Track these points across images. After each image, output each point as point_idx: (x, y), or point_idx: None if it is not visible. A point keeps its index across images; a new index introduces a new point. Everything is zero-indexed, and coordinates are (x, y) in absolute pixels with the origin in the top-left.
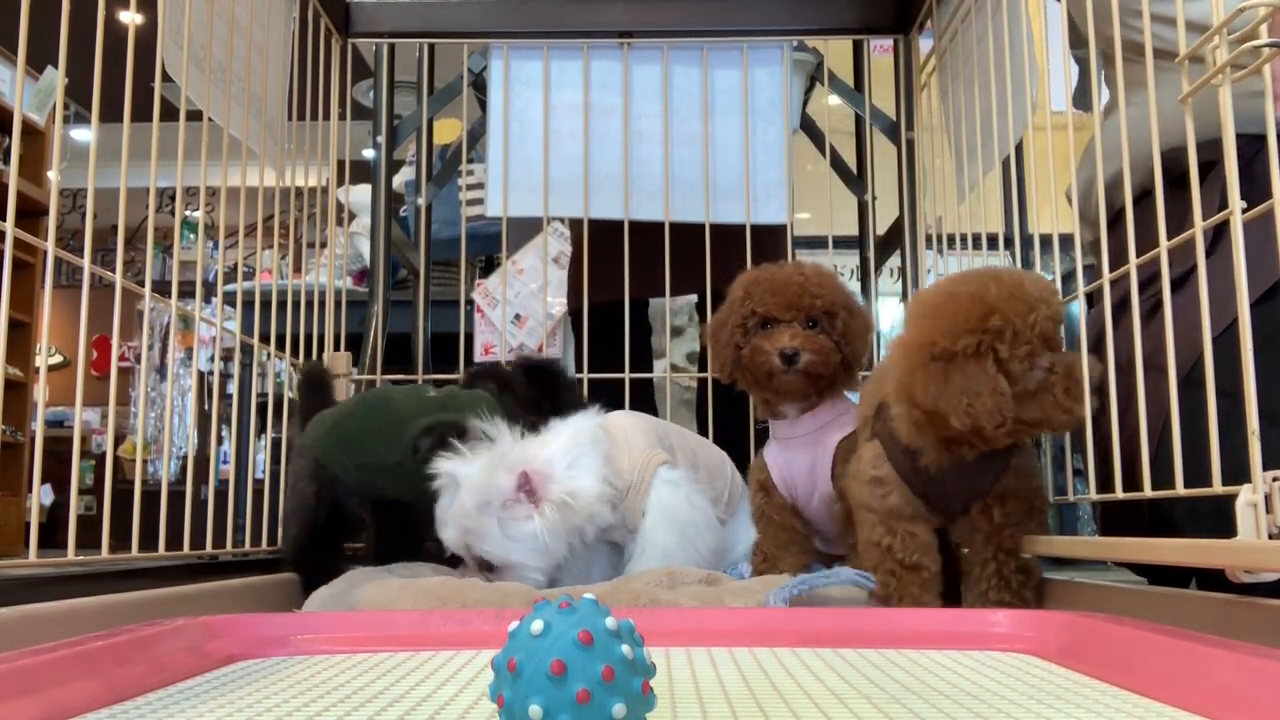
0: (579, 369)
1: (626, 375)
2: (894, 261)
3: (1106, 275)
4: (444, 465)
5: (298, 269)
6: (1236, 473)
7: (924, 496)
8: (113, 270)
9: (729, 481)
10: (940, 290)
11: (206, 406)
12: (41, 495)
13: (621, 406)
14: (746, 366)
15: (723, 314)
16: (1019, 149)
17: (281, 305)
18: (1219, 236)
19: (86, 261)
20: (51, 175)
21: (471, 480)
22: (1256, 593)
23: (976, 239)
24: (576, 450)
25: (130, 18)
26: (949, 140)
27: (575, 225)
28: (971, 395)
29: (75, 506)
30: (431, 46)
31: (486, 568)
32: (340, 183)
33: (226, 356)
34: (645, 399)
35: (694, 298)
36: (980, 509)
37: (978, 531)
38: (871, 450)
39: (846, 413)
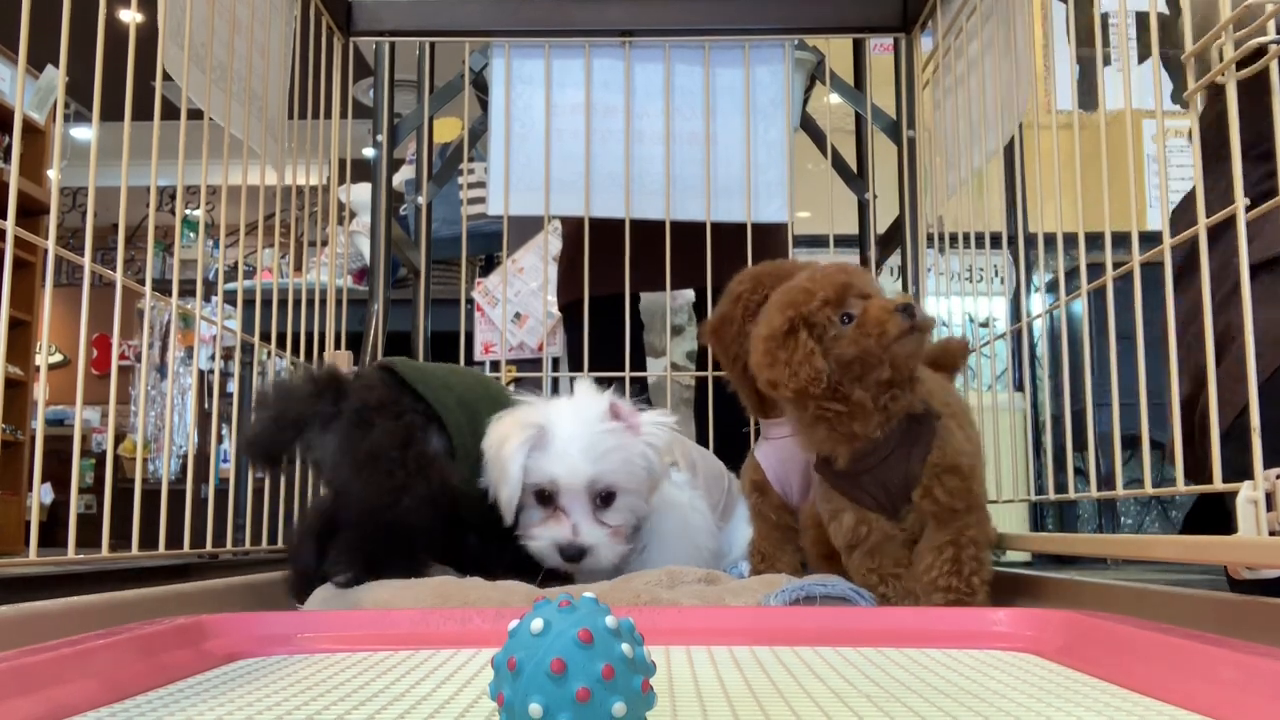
0: (578, 366)
1: (627, 374)
2: (894, 260)
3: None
4: (519, 417)
5: (298, 267)
6: None
7: (861, 498)
8: (113, 269)
9: (725, 491)
10: (778, 290)
11: (207, 405)
12: (42, 494)
13: None
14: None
15: (725, 309)
16: (1021, 148)
17: (282, 304)
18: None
19: (87, 260)
20: (52, 174)
21: (570, 414)
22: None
23: (979, 237)
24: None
25: (130, 16)
26: (946, 134)
27: (566, 221)
28: (794, 365)
29: (75, 505)
30: (432, 45)
31: (606, 502)
32: (340, 181)
33: (227, 355)
34: (639, 396)
35: (691, 295)
36: (922, 493)
37: (927, 517)
38: (818, 487)
39: None
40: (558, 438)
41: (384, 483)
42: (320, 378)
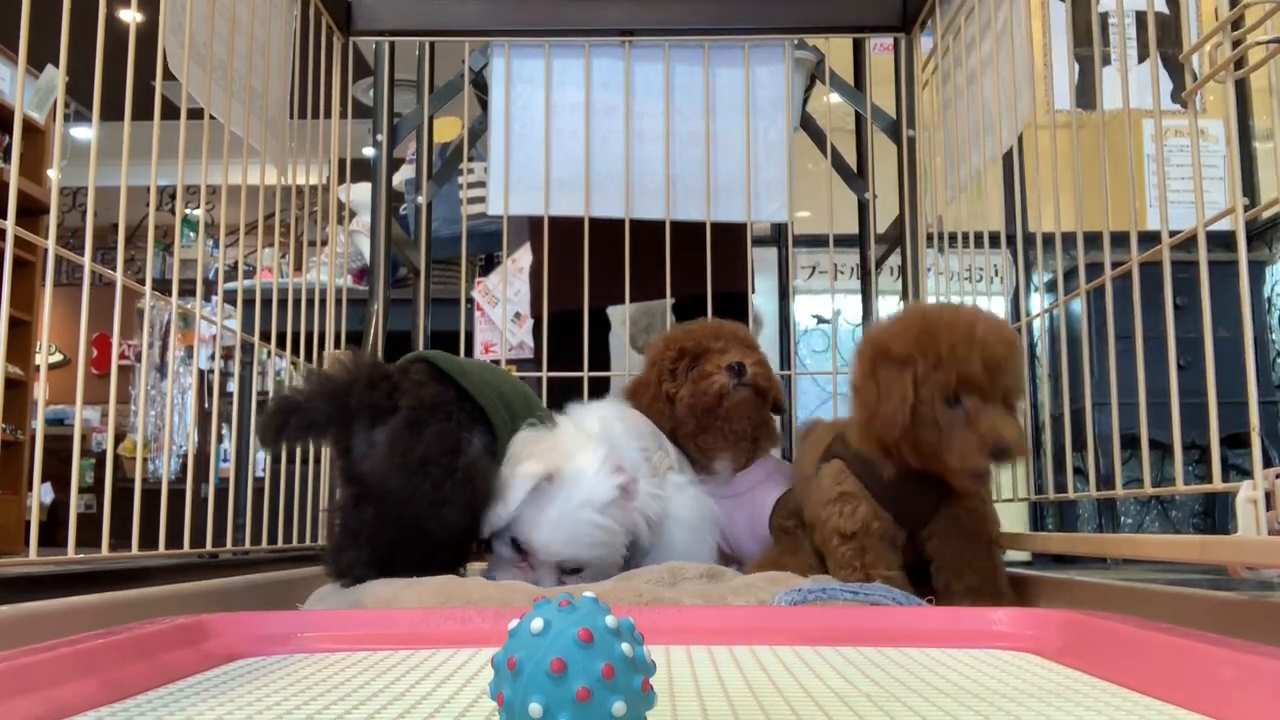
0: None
1: (585, 374)
2: (894, 260)
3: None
4: (543, 452)
5: (298, 267)
6: None
7: (888, 507)
8: (113, 268)
9: None
10: (917, 308)
11: (207, 405)
12: (42, 493)
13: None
14: (689, 404)
15: (642, 374)
16: (1020, 147)
17: (282, 303)
18: None
19: (87, 260)
20: (52, 173)
21: (579, 483)
22: None
23: (978, 237)
24: (626, 449)
25: (131, 16)
26: (947, 136)
27: (536, 236)
28: (883, 395)
29: (75, 505)
30: (432, 45)
31: (573, 571)
32: (340, 181)
33: (227, 355)
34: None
35: (665, 303)
36: (949, 517)
37: (948, 542)
38: (833, 469)
39: (777, 472)
40: (554, 506)
41: (431, 493)
42: (373, 368)
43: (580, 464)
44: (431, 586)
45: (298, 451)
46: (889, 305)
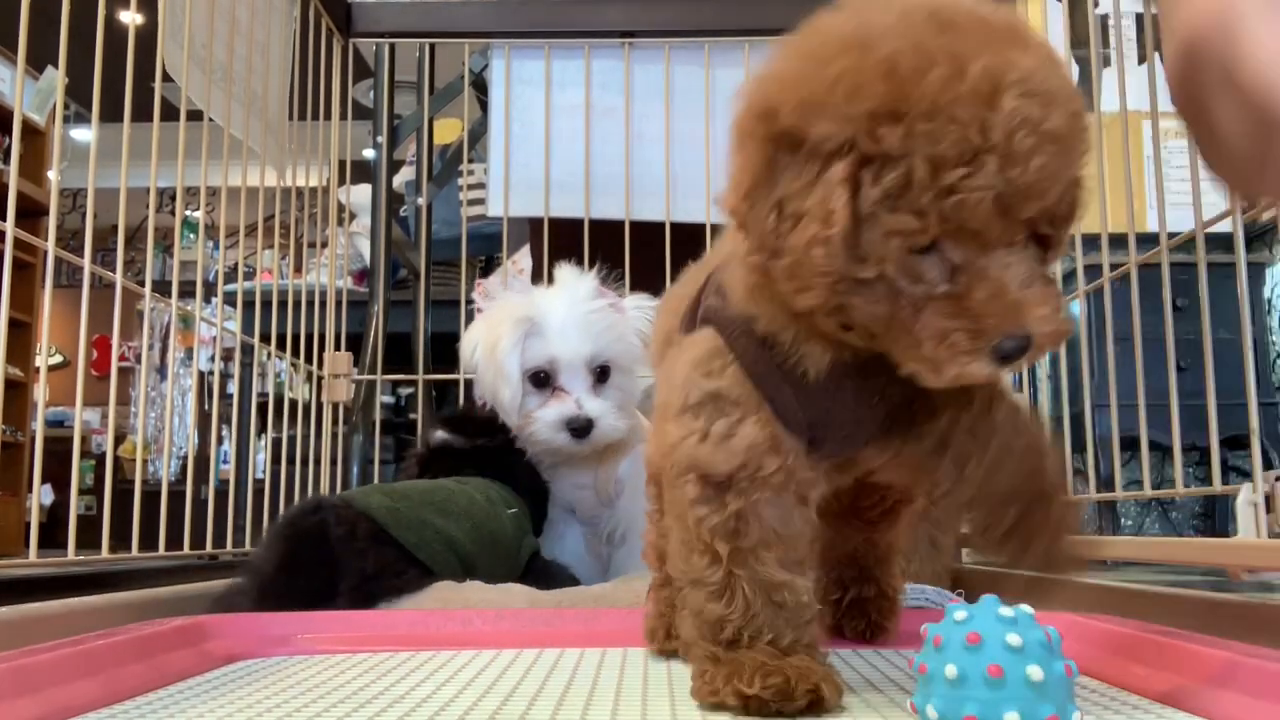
0: None
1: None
2: None
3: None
4: (507, 312)
5: (298, 269)
6: None
7: (801, 429)
8: (113, 270)
9: None
10: (847, 10)
11: (207, 406)
12: (41, 495)
13: None
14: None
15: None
16: None
17: (282, 305)
18: None
19: (87, 261)
20: (51, 175)
21: (559, 298)
22: None
23: None
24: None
25: (130, 17)
26: None
27: (536, 237)
28: (793, 214)
29: (75, 506)
30: (432, 46)
31: (603, 377)
32: (340, 183)
33: (227, 356)
34: None
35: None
36: (924, 417)
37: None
38: (699, 346)
39: None
40: (551, 321)
41: None
42: (313, 542)
43: (551, 293)
44: (429, 592)
45: (298, 452)
46: None
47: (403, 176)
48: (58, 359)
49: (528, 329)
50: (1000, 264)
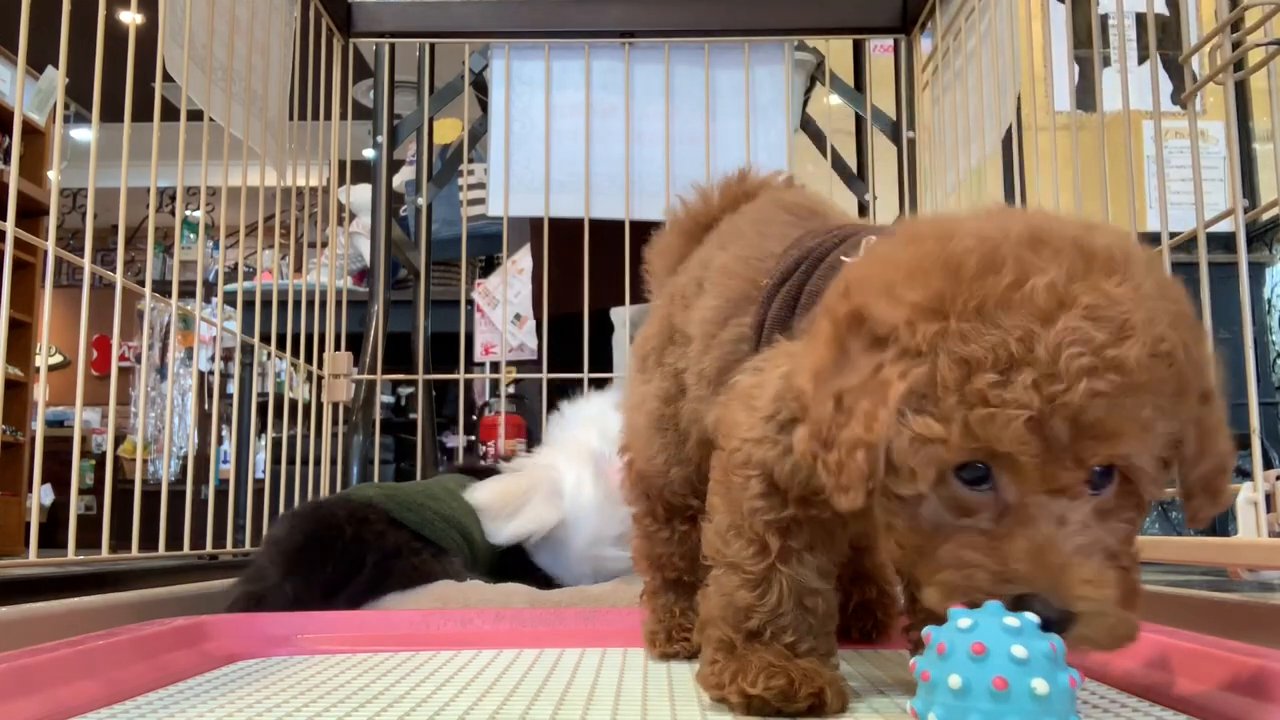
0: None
1: (585, 375)
2: None
3: None
4: (544, 512)
5: (298, 269)
6: None
7: None
8: (113, 270)
9: None
10: (948, 221)
11: (207, 406)
12: (42, 495)
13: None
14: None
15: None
16: (1020, 147)
17: (282, 305)
18: None
19: (87, 261)
20: (52, 175)
21: (589, 520)
22: None
23: None
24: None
25: (131, 17)
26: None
27: (536, 237)
28: (849, 409)
29: (75, 506)
30: (432, 46)
31: None
32: (340, 182)
33: (227, 356)
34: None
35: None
36: None
37: None
38: (781, 360)
39: None
40: (567, 549)
41: None
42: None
43: (583, 500)
44: (431, 591)
45: (298, 453)
46: None
47: (403, 176)
48: (58, 359)
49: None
50: (1055, 514)
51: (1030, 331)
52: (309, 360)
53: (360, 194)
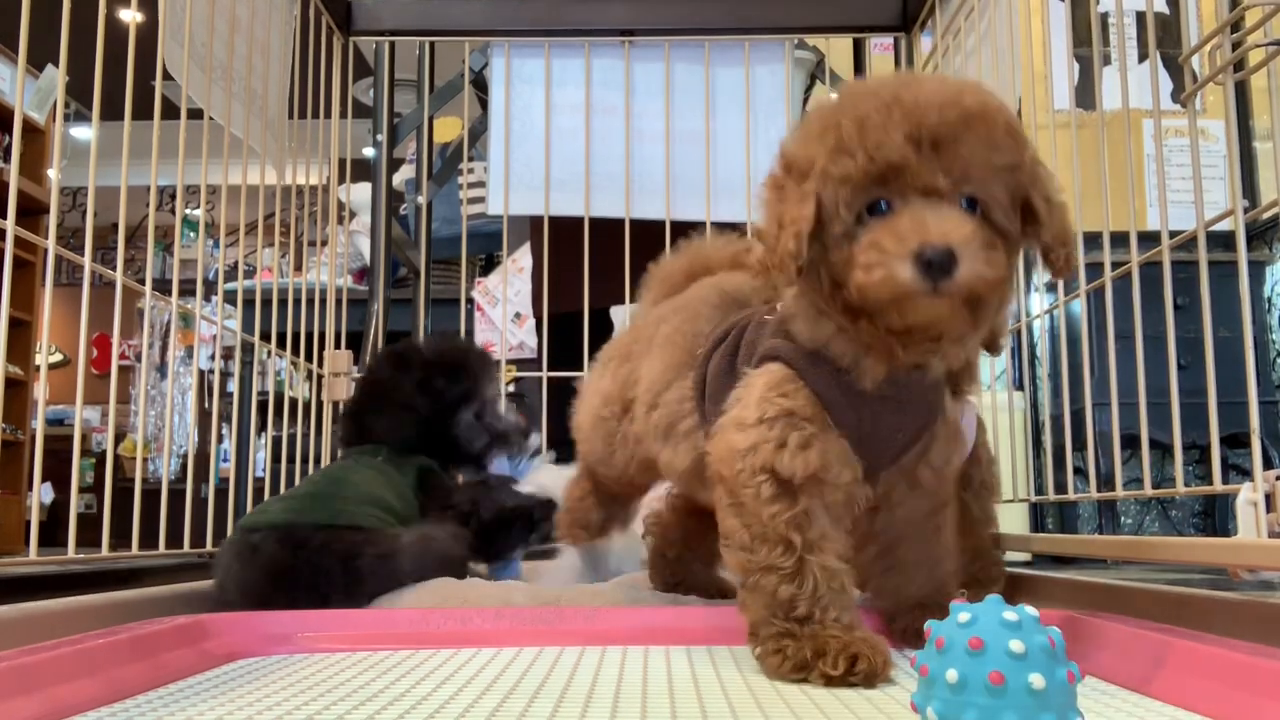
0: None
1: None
2: None
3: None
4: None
5: (298, 267)
6: None
7: (856, 440)
8: (113, 268)
9: None
10: (847, 87)
11: (207, 405)
12: (42, 493)
13: None
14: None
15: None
16: None
17: (282, 303)
18: None
19: (87, 260)
20: (52, 173)
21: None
22: None
23: None
24: None
25: (131, 16)
26: None
27: (536, 236)
28: (790, 214)
29: (75, 505)
30: (432, 45)
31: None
32: (340, 181)
33: (227, 355)
34: None
35: None
36: (919, 454)
37: (916, 491)
38: (771, 375)
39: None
40: (595, 574)
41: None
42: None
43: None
44: (429, 587)
45: (297, 451)
46: None
47: (403, 175)
48: (58, 357)
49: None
50: (925, 206)
51: (899, 94)
52: (309, 359)
53: (360, 192)
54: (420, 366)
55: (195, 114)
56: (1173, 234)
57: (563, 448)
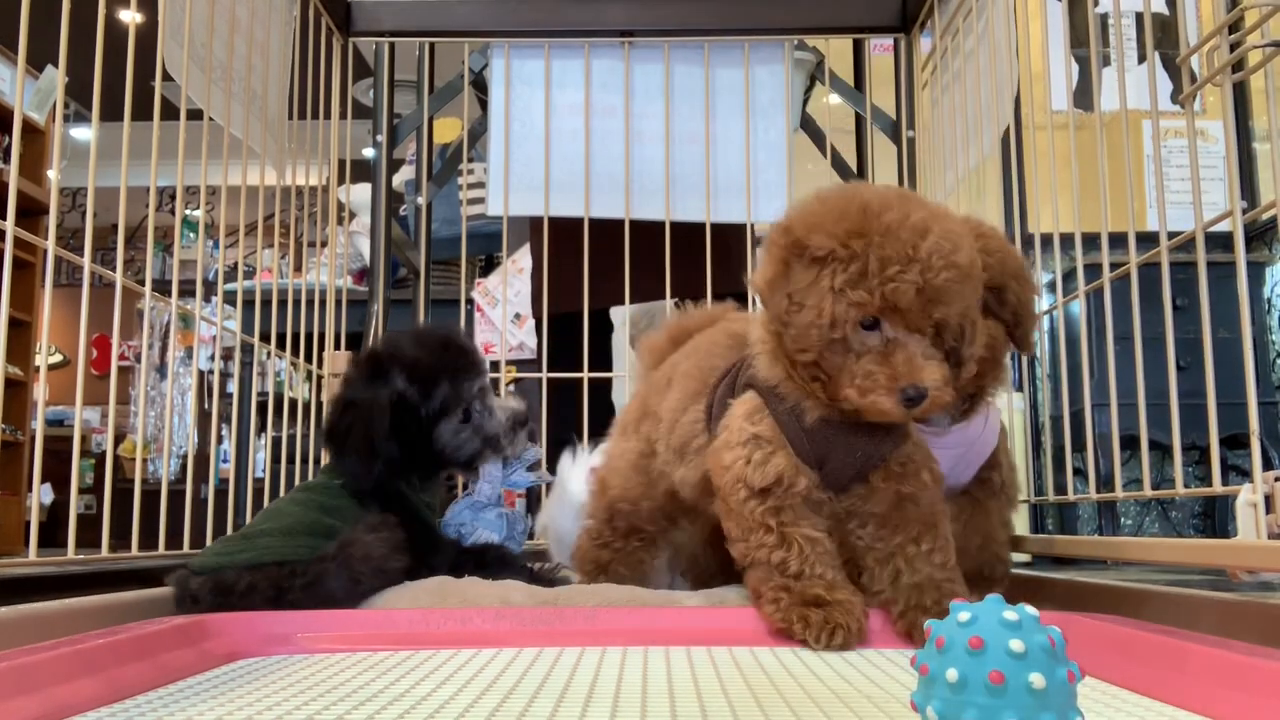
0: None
1: (585, 375)
2: None
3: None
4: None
5: (298, 268)
6: None
7: (810, 462)
8: (113, 269)
9: None
10: (846, 188)
11: (206, 405)
12: (41, 494)
13: (580, 411)
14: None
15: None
16: (1019, 148)
17: (282, 304)
18: None
19: (87, 260)
20: (51, 174)
21: (553, 503)
22: None
23: None
24: None
25: (130, 16)
26: (944, 134)
27: (536, 236)
28: (795, 304)
29: (75, 505)
30: (432, 45)
31: None
32: (340, 182)
33: (226, 355)
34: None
35: (664, 304)
36: (883, 476)
37: (881, 502)
38: (746, 404)
39: (998, 423)
40: (550, 529)
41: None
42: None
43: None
44: (427, 587)
45: (297, 451)
46: None
47: (402, 175)
48: (57, 358)
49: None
50: (915, 342)
51: (916, 243)
52: (309, 359)
53: (360, 193)
54: (397, 373)
55: (195, 114)
56: (1171, 235)
57: (562, 446)
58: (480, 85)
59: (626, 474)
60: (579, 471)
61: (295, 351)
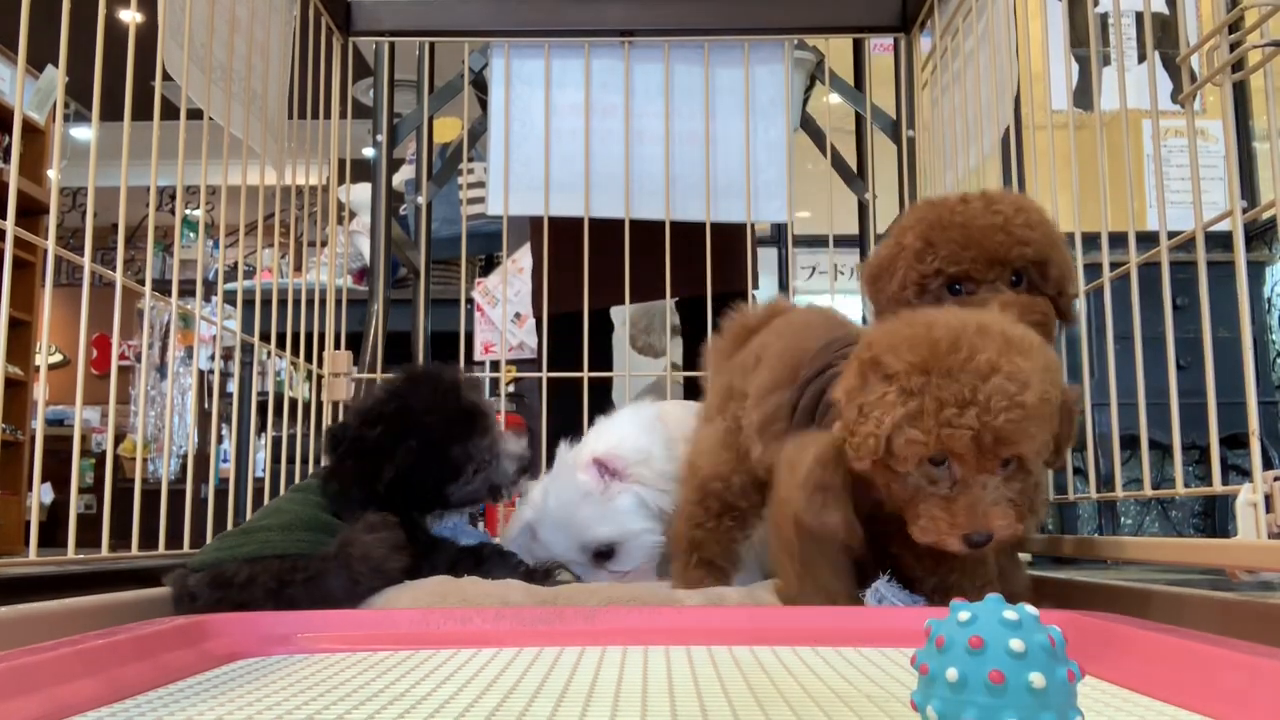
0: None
1: (585, 374)
2: None
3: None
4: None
5: (298, 267)
6: None
7: (864, 513)
8: (113, 269)
9: None
10: (933, 318)
11: (207, 405)
12: (41, 494)
13: (581, 411)
14: None
15: (885, 256)
16: (1019, 147)
17: (282, 304)
18: None
19: (87, 260)
20: (51, 174)
21: (554, 493)
22: None
23: None
24: (637, 433)
25: (130, 16)
26: (944, 134)
27: (536, 236)
28: (863, 415)
29: (75, 505)
30: (432, 45)
31: (607, 555)
32: (340, 181)
33: (227, 355)
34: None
35: (664, 303)
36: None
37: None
38: (823, 446)
39: None
40: (544, 524)
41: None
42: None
43: (549, 482)
44: (427, 587)
45: (297, 451)
46: None
47: (402, 175)
48: (58, 358)
49: (530, 535)
50: (981, 484)
51: (976, 386)
52: (309, 359)
53: (360, 193)
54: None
55: (195, 114)
56: (1171, 234)
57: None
58: (480, 85)
59: (715, 451)
60: (580, 457)
61: (295, 351)
